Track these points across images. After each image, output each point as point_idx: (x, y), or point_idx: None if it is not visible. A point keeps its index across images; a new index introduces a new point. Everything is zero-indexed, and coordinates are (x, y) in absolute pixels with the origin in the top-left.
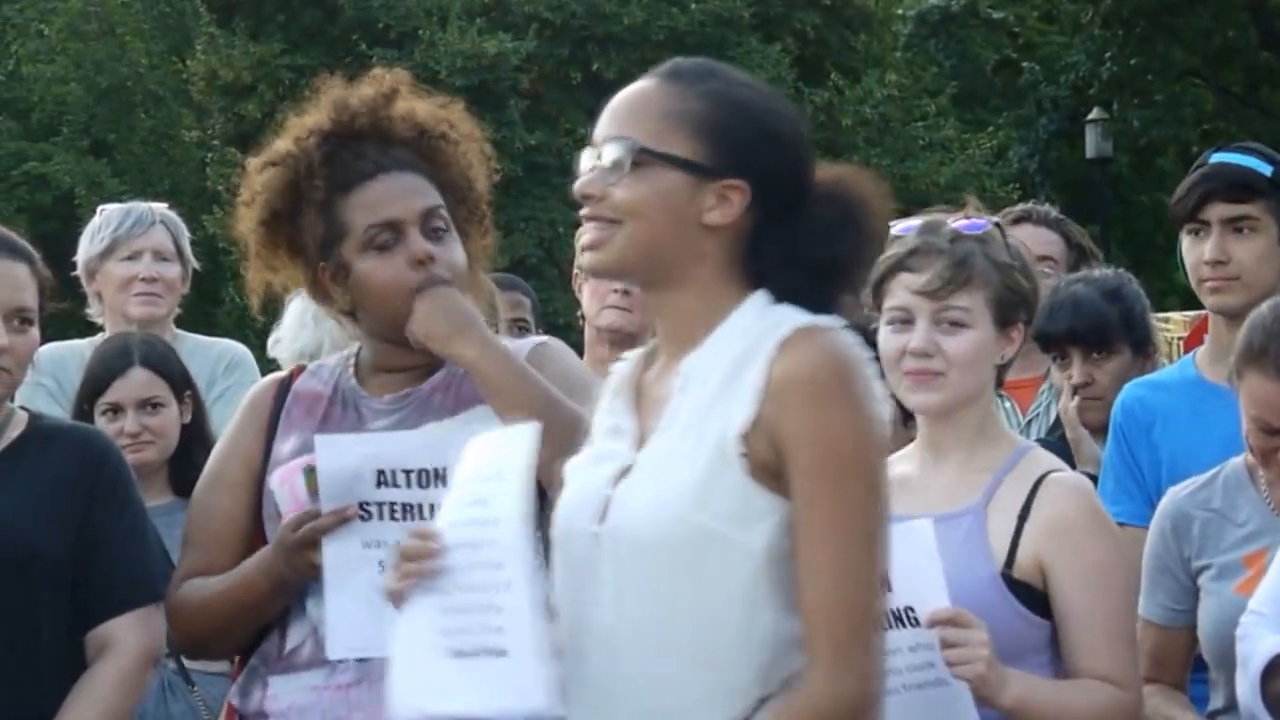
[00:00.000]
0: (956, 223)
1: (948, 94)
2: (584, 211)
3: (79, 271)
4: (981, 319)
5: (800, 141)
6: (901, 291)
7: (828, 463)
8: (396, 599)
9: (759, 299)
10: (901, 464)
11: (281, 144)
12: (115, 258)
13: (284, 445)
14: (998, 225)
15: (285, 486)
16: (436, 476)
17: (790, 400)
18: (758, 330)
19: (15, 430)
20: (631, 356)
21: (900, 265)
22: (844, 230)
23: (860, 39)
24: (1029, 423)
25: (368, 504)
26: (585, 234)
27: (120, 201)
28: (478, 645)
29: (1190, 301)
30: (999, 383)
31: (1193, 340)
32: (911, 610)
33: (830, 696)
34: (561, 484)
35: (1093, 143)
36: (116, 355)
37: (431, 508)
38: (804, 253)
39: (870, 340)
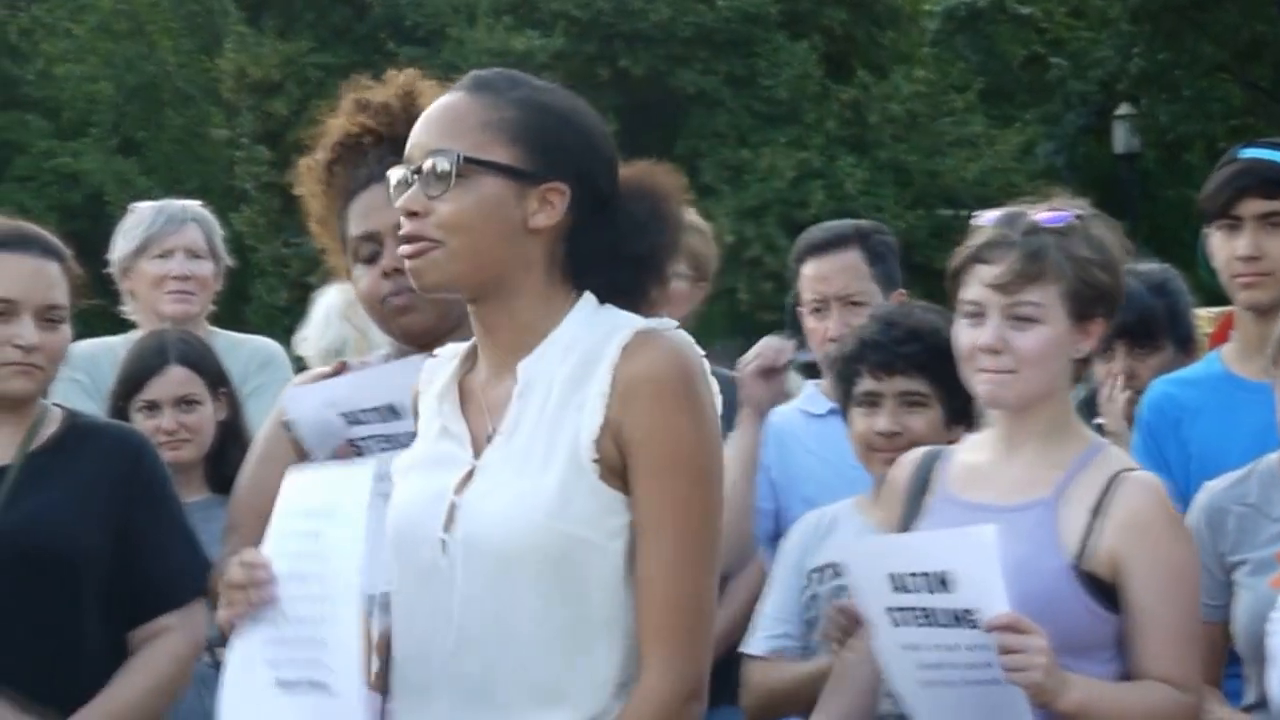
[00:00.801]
0: (1040, 214)
1: (975, 90)
2: (406, 229)
3: (112, 269)
4: (1054, 314)
5: (609, 141)
6: (975, 284)
7: (668, 463)
8: (227, 628)
9: (588, 301)
10: (974, 452)
11: (318, 149)
12: (148, 255)
13: None
14: (1080, 217)
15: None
16: (391, 411)
17: (635, 402)
18: (597, 333)
19: (51, 427)
20: (444, 355)
21: (976, 257)
22: (655, 223)
23: (888, 35)
24: None
25: (355, 440)
26: (407, 253)
27: (149, 199)
28: (301, 677)
29: (1211, 298)
30: (1077, 377)
31: (1218, 337)
32: (970, 613)
33: (660, 695)
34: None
35: (1120, 138)
36: (153, 353)
37: (410, 435)
38: (622, 249)
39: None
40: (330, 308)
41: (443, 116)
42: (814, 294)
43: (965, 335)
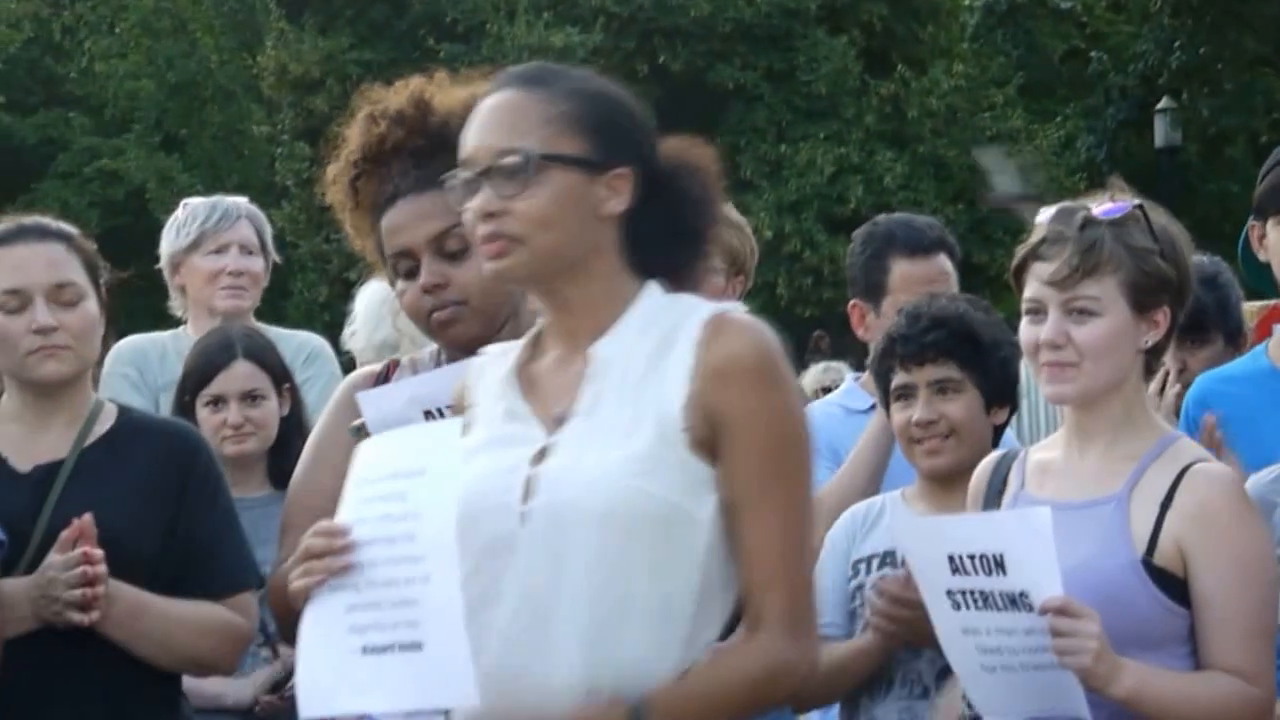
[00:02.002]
0: (1098, 207)
1: (1015, 84)
2: (485, 230)
3: (162, 264)
4: (1114, 306)
5: (651, 120)
6: (1034, 282)
7: (771, 441)
8: (301, 597)
9: (656, 288)
10: (1048, 450)
11: (339, 160)
12: (201, 251)
13: None
14: (1140, 207)
15: None
16: None
17: (730, 383)
18: (672, 314)
19: (105, 424)
20: (495, 351)
21: (1033, 254)
22: (708, 199)
23: (927, 30)
24: None
25: None
26: (489, 254)
27: (191, 196)
28: (392, 640)
29: (1250, 293)
30: (1148, 368)
31: (1262, 331)
32: (1026, 595)
33: (783, 657)
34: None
35: (1161, 132)
36: (220, 348)
37: None
38: (680, 225)
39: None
40: (380, 304)
41: (503, 116)
42: (911, 296)
43: (1028, 332)
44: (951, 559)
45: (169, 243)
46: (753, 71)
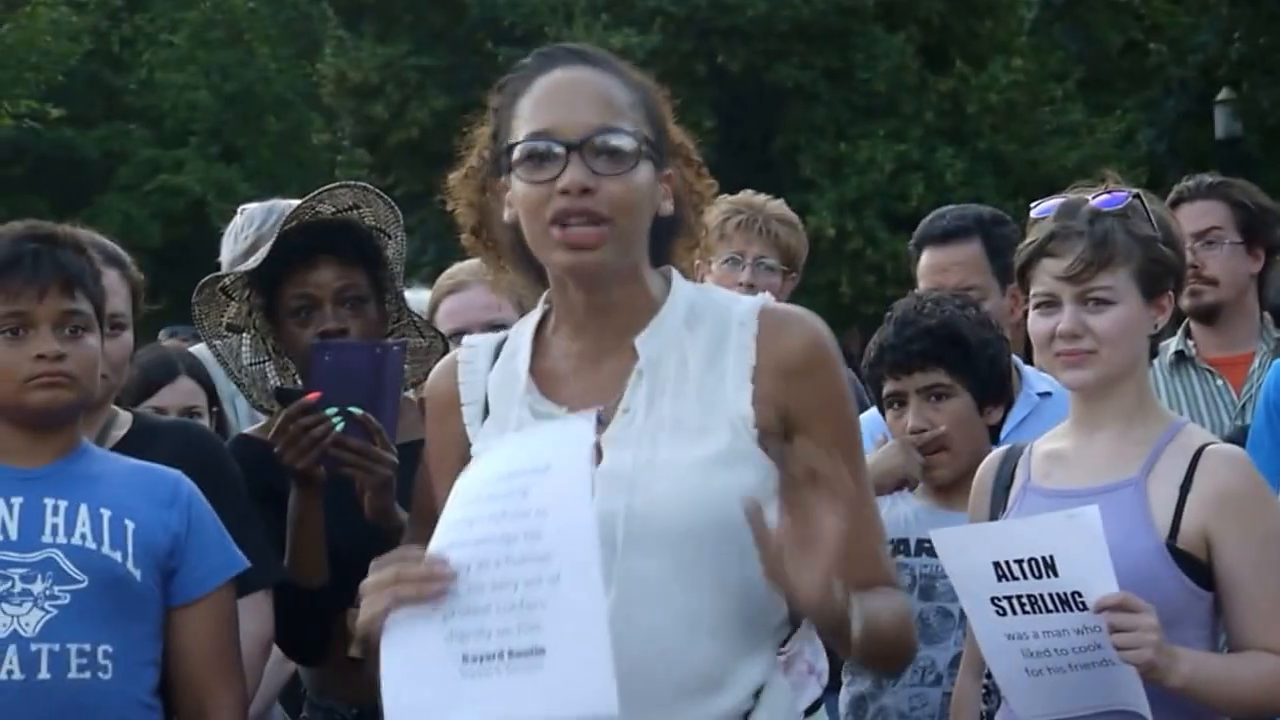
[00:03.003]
0: (1096, 198)
1: (1074, 78)
2: (577, 206)
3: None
4: (1128, 294)
5: None
6: (1045, 277)
7: (845, 429)
8: (376, 628)
9: (678, 277)
10: (1054, 441)
11: (469, 158)
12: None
13: None
14: (1138, 196)
15: None
16: None
17: (804, 376)
18: (709, 311)
19: (120, 430)
20: (482, 347)
21: (1042, 250)
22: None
23: (985, 25)
24: (1243, 406)
25: None
26: (579, 233)
27: None
28: (500, 647)
29: None
30: (1151, 353)
31: None
32: (1079, 595)
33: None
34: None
35: (1222, 123)
36: (162, 364)
37: None
38: (684, 215)
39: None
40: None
41: (592, 93)
42: (930, 284)
43: (1040, 324)
44: (997, 565)
45: (228, 249)
46: (811, 70)
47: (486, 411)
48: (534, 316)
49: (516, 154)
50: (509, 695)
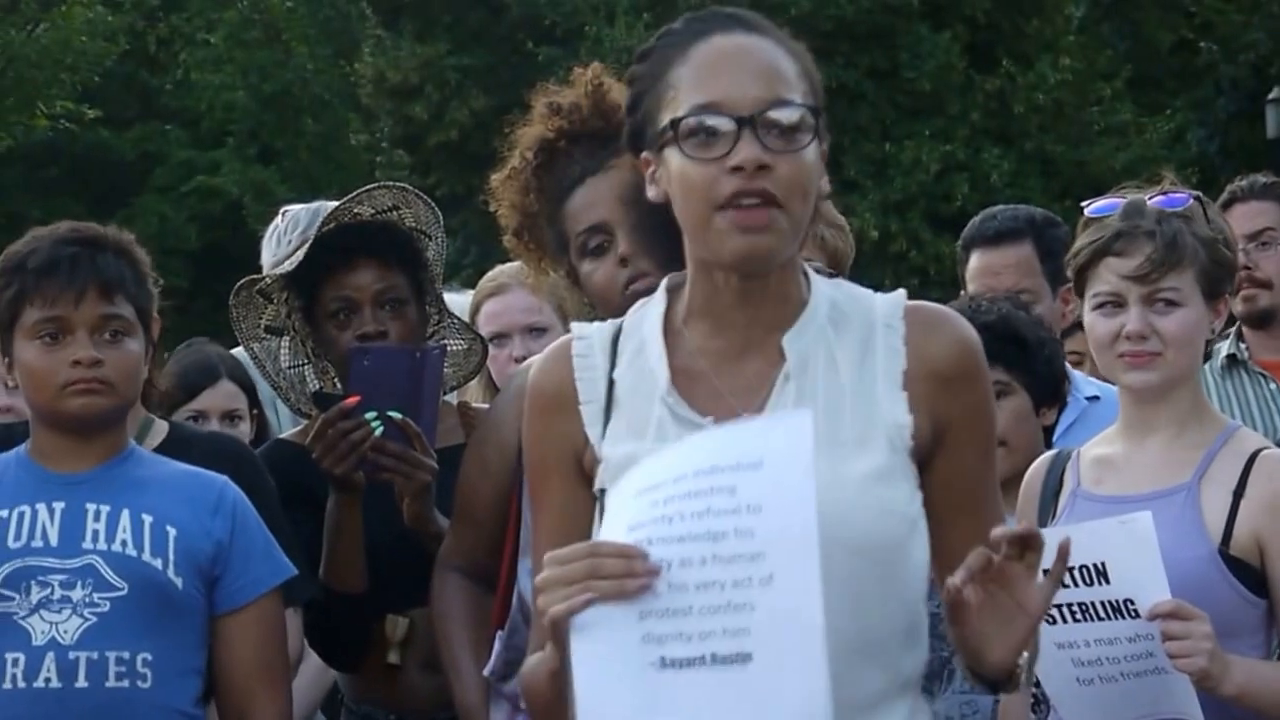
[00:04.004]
0: (1155, 199)
1: (1123, 77)
2: (752, 186)
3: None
4: (1193, 296)
5: None
6: (1110, 276)
7: (989, 442)
8: (560, 625)
9: (810, 270)
10: (1103, 446)
11: (512, 160)
12: None
13: None
14: (1198, 198)
15: None
16: None
17: (955, 383)
18: (848, 306)
19: (156, 439)
20: (598, 337)
21: (1106, 250)
22: None
23: (1032, 23)
24: None
25: None
26: (752, 217)
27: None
28: (702, 651)
29: None
30: (1206, 356)
31: None
32: (1131, 602)
33: None
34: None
35: (1274, 122)
36: (203, 367)
37: None
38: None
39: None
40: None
41: (762, 62)
42: (981, 287)
43: (1103, 325)
44: (1046, 573)
45: (270, 252)
46: (855, 69)
47: (608, 411)
48: (656, 307)
49: (683, 128)
50: (711, 702)
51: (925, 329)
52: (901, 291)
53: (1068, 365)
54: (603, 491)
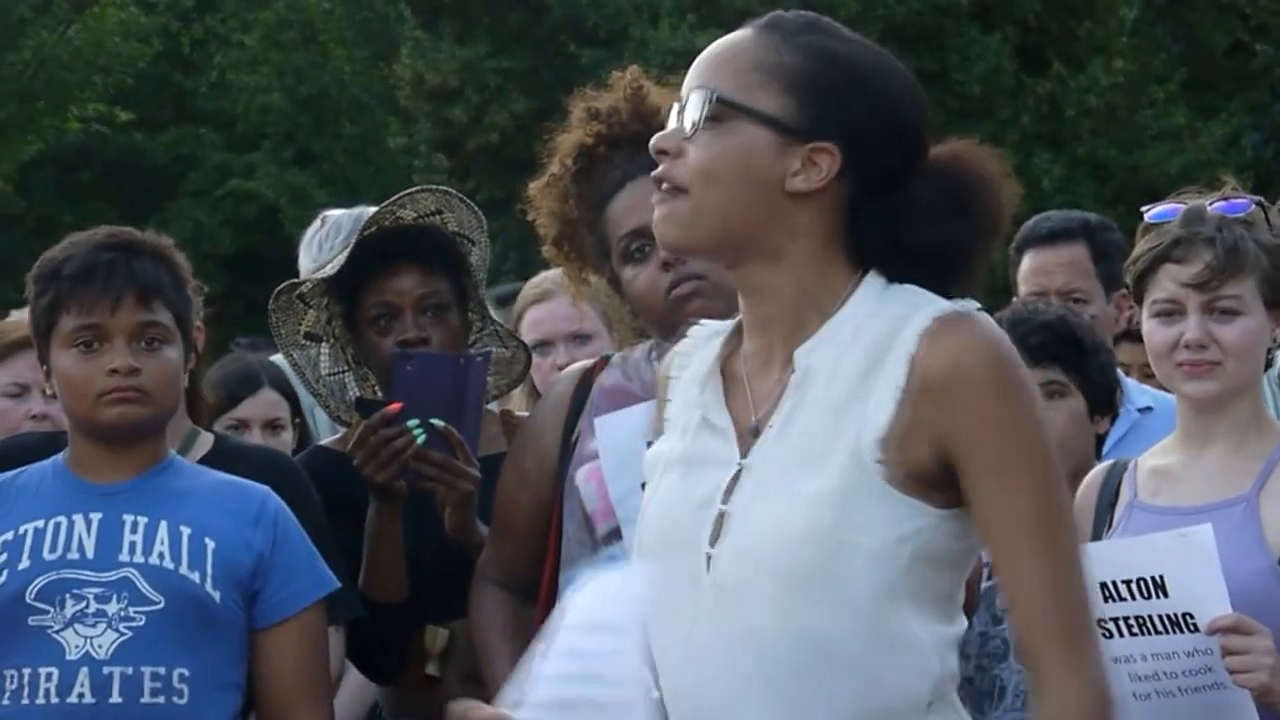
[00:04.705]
0: (1216, 205)
1: (1177, 80)
2: (656, 171)
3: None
4: (1254, 304)
5: (909, 109)
6: (1168, 283)
7: (1011, 459)
8: None
9: (874, 280)
10: (1160, 457)
11: (551, 167)
12: None
13: (590, 442)
14: (1260, 204)
15: (592, 482)
16: None
17: (954, 400)
18: (888, 318)
19: (200, 451)
20: (703, 334)
21: (1165, 256)
22: (953, 213)
23: (1084, 25)
24: None
25: None
26: (656, 203)
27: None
28: None
29: None
30: (1266, 364)
31: None
32: (1190, 616)
33: (1084, 694)
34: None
35: None
36: (245, 375)
37: None
38: (906, 237)
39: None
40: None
41: (717, 53)
42: (1034, 287)
43: (1161, 333)
44: (1104, 586)
45: (310, 258)
46: None
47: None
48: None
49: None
50: None
51: (938, 339)
52: (955, 304)
53: (1120, 374)
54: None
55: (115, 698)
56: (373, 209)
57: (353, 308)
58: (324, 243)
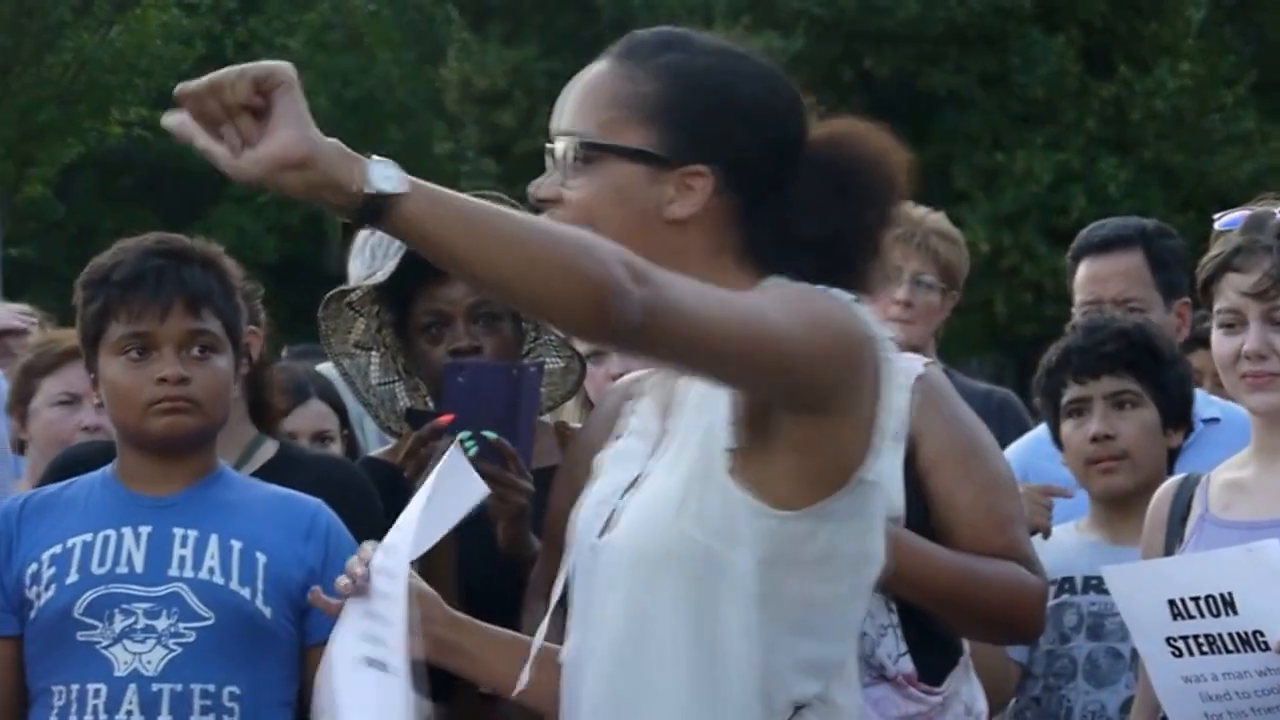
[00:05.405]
0: None
1: (1246, 83)
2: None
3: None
4: None
5: (777, 111)
6: (1230, 292)
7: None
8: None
9: (776, 282)
10: (1233, 470)
11: None
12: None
13: None
14: None
15: None
16: None
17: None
18: None
19: (263, 458)
20: None
21: (1227, 265)
22: (840, 201)
23: (1150, 27)
24: None
25: None
26: None
27: None
28: (374, 655)
29: None
30: None
31: None
32: (1261, 634)
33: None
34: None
35: None
36: (293, 387)
37: None
38: (797, 233)
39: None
40: None
41: (579, 91)
42: (1088, 295)
43: (1224, 344)
44: (1172, 604)
45: (361, 264)
46: (965, 75)
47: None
48: None
49: None
50: (367, 703)
51: None
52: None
53: None
54: None
55: (165, 716)
56: None
57: (403, 316)
58: (375, 249)
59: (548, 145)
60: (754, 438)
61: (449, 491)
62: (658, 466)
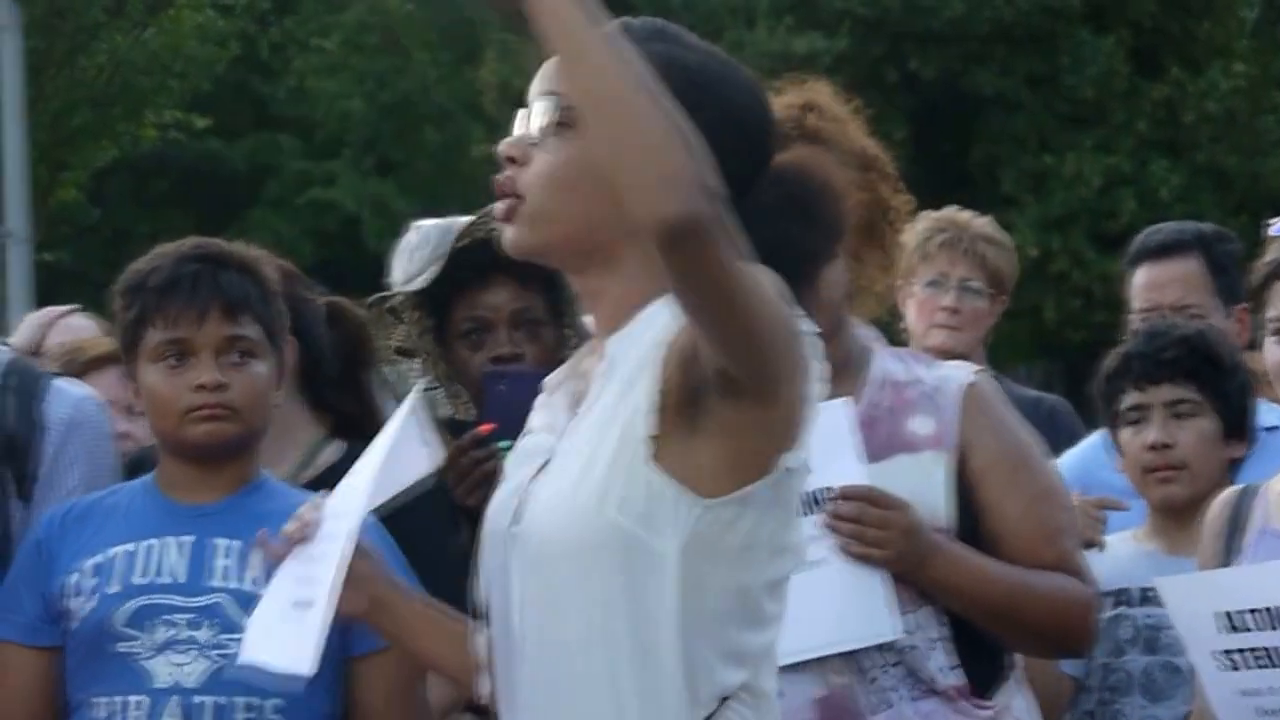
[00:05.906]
0: None
1: None
2: (499, 176)
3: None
4: None
5: (756, 120)
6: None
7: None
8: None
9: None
10: None
11: None
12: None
13: None
14: None
15: None
16: None
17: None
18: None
19: (328, 460)
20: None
21: (1276, 273)
22: (794, 216)
23: (1203, 27)
24: None
25: None
26: (496, 211)
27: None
28: (305, 596)
29: None
30: None
31: None
32: None
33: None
34: None
35: None
36: None
37: None
38: (746, 240)
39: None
40: None
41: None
42: (1145, 303)
43: (1276, 352)
44: (1228, 616)
45: (402, 269)
46: (1012, 76)
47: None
48: None
49: None
50: (287, 641)
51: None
52: None
53: None
54: None
55: None
56: (465, 219)
57: (444, 322)
58: (414, 252)
59: (523, 107)
60: (676, 424)
61: (406, 453)
62: (564, 451)
